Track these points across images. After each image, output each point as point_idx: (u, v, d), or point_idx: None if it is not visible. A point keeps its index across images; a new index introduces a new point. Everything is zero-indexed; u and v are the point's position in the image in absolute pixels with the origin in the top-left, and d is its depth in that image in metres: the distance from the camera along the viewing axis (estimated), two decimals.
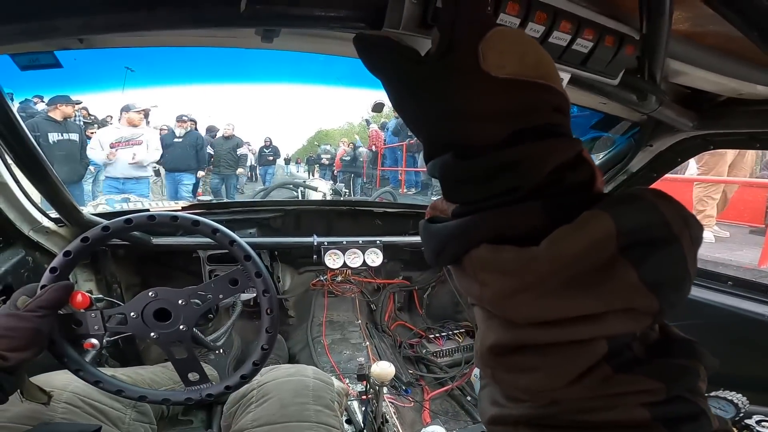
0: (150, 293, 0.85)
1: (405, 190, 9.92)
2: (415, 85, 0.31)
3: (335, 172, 11.69)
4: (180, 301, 0.86)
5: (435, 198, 0.32)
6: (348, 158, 11.31)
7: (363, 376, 1.53)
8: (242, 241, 0.89)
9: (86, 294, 0.82)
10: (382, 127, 10.97)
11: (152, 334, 0.85)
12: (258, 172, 12.31)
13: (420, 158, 9.20)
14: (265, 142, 11.66)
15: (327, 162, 12.20)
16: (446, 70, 0.29)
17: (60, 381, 0.94)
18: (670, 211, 0.24)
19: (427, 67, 0.30)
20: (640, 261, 0.23)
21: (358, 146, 11.76)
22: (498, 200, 0.27)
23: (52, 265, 0.81)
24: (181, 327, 0.86)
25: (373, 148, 11.05)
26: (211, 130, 9.81)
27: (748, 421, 1.00)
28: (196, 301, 0.88)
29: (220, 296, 0.89)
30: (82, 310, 0.82)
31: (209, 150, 8.03)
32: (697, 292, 1.44)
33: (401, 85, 0.32)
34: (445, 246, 0.30)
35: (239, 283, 0.89)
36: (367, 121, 11.69)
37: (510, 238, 0.26)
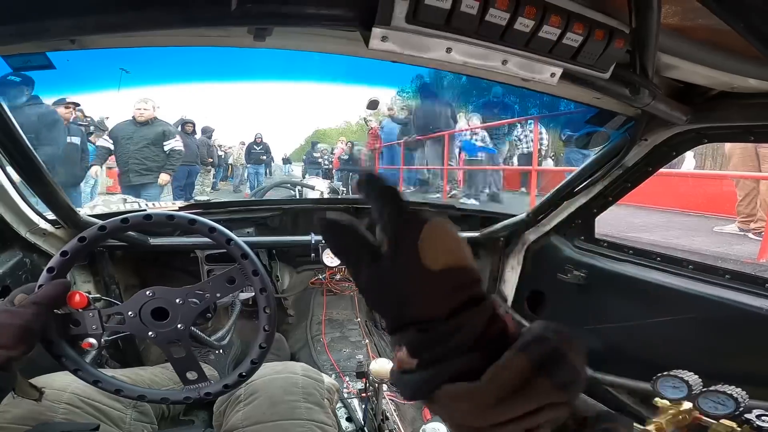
0: (147, 292, 0.85)
1: (404, 188, 9.69)
2: (376, 281, 0.40)
3: (333, 171, 11.44)
4: (177, 300, 0.85)
5: (399, 353, 0.40)
6: (346, 157, 11.12)
7: (362, 374, 1.54)
8: (239, 239, 0.89)
9: (84, 294, 0.81)
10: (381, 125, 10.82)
11: (150, 333, 0.85)
12: (248, 171, 11.66)
13: (417, 156, 9.20)
14: (255, 138, 11.05)
15: (324, 161, 11.82)
16: (398, 269, 0.38)
17: (60, 382, 0.95)
18: (558, 338, 0.36)
19: (384, 266, 0.39)
20: (551, 373, 0.34)
21: (356, 145, 11.50)
22: (451, 355, 0.37)
23: (49, 265, 0.81)
24: (179, 326, 0.86)
25: (376, 146, 10.82)
26: (206, 131, 9.47)
27: (747, 416, 1.00)
28: (194, 300, 0.87)
29: (218, 295, 0.89)
30: (80, 310, 0.81)
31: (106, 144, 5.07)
32: (694, 286, 1.44)
33: (363, 279, 0.40)
34: (417, 391, 0.39)
35: (236, 282, 0.89)
36: (365, 119, 11.49)
37: (461, 377, 0.36)
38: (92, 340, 0.83)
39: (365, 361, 1.73)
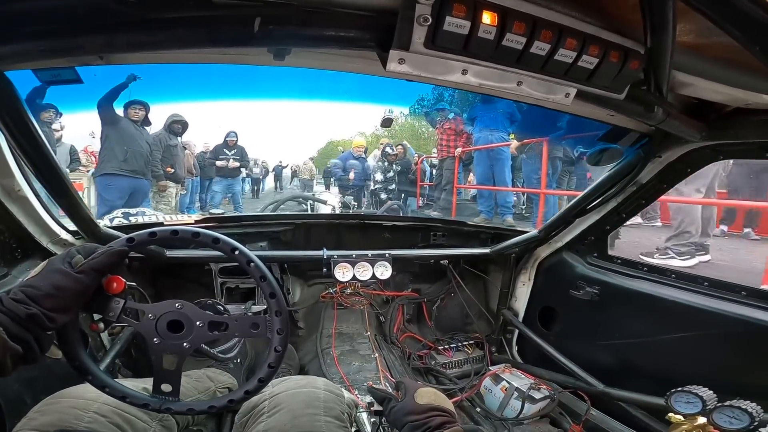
0: (177, 304, 0.85)
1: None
2: (391, 411, 0.93)
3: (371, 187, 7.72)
4: (198, 323, 0.86)
5: None
6: (396, 169, 7.45)
7: (380, 412, 1.50)
8: (259, 261, 0.88)
9: (123, 281, 0.81)
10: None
11: (156, 339, 0.84)
12: (212, 188, 7.43)
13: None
14: (226, 139, 7.25)
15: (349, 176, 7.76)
16: (403, 405, 0.91)
17: (92, 392, 0.94)
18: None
19: (397, 404, 0.93)
20: None
21: (411, 152, 8.00)
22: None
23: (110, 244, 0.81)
24: (185, 344, 0.85)
25: (457, 150, 6.48)
26: (173, 126, 5.73)
27: (762, 430, 0.99)
28: (214, 330, 0.87)
29: (236, 334, 0.89)
30: (110, 294, 0.81)
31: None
32: (710, 303, 1.43)
33: (387, 413, 0.96)
34: None
35: (259, 329, 0.89)
36: (436, 109, 7.03)
37: None
38: (101, 325, 0.82)
39: (375, 375, 1.71)
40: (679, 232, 4.19)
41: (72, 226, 1.36)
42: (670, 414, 1.10)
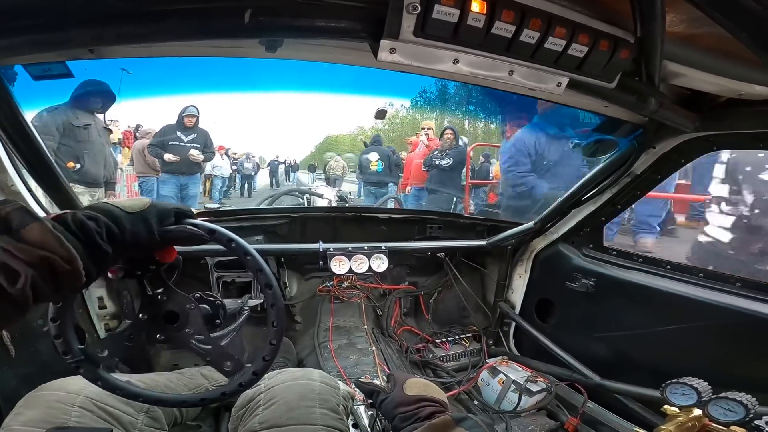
0: (194, 297, 0.85)
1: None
2: (382, 404, 0.92)
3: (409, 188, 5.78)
4: (188, 305, 0.86)
5: None
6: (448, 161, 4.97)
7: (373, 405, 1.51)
8: (269, 271, 0.87)
9: (176, 252, 0.81)
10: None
11: (152, 329, 0.84)
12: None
13: None
14: (183, 115, 4.84)
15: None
16: (393, 397, 0.90)
17: (74, 386, 0.96)
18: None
19: (387, 397, 0.92)
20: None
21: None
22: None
23: None
24: (178, 335, 0.85)
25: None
26: (82, 98, 5.61)
27: (757, 422, 0.99)
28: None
29: (225, 350, 0.88)
30: (110, 276, 0.79)
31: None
32: (705, 294, 1.44)
33: (378, 405, 0.94)
34: None
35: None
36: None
37: None
38: (120, 273, 0.80)
39: (372, 368, 1.71)
40: None
41: None
42: (666, 406, 1.10)
